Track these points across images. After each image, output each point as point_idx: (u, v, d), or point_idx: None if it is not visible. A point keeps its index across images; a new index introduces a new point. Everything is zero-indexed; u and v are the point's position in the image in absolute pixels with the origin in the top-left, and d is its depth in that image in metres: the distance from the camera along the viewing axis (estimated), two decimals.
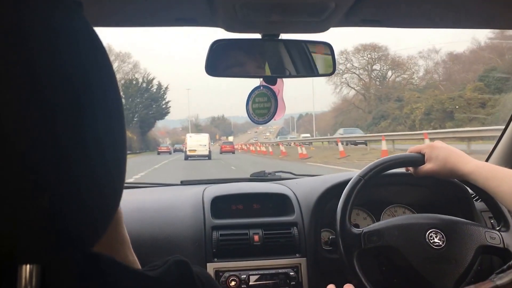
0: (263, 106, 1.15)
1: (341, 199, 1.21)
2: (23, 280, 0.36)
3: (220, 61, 1.11)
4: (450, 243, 1.15)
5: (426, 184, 1.45)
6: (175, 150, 49.93)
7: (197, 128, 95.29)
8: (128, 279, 0.46)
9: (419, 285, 1.15)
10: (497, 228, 1.21)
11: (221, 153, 35.76)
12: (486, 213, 1.44)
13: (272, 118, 1.16)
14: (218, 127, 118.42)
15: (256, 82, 1.15)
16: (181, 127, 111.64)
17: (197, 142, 31.27)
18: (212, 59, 1.09)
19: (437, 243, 1.14)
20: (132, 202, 1.53)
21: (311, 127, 67.03)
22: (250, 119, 1.15)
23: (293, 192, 1.52)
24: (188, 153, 30.41)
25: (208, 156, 30.07)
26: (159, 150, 42.73)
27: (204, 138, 32.08)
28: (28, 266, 0.37)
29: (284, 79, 1.15)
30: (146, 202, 1.55)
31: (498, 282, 0.59)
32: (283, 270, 1.37)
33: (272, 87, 1.15)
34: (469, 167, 1.13)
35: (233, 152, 36.62)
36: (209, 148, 31.33)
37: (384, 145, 15.64)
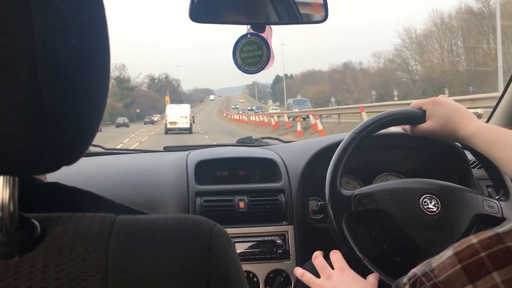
0: (254, 55, 1.09)
1: (333, 157, 1.13)
2: (0, 190, 0.38)
3: (205, 7, 1.03)
4: (445, 210, 1.08)
5: (422, 147, 1.37)
6: (145, 123, 48.83)
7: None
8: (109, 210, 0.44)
9: (410, 251, 1.10)
10: (496, 197, 1.14)
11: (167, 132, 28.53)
12: (483, 181, 1.38)
13: (265, 66, 1.09)
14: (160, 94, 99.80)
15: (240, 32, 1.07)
16: None
17: (178, 114, 29.05)
18: (197, 4, 1.02)
19: (431, 209, 1.08)
20: (114, 166, 1.49)
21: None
22: (240, 69, 1.09)
23: (281, 157, 1.46)
24: (168, 125, 28.55)
25: (189, 130, 28.22)
26: (117, 123, 42.17)
27: (185, 109, 29.93)
28: (4, 177, 0.38)
29: (272, 26, 1.07)
30: (128, 166, 1.50)
31: (499, 230, 0.57)
32: (270, 238, 1.32)
33: (261, 34, 1.08)
34: (471, 129, 1.05)
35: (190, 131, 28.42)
36: (191, 121, 29.40)
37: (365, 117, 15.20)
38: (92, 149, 1.69)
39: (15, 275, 0.36)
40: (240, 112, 48.49)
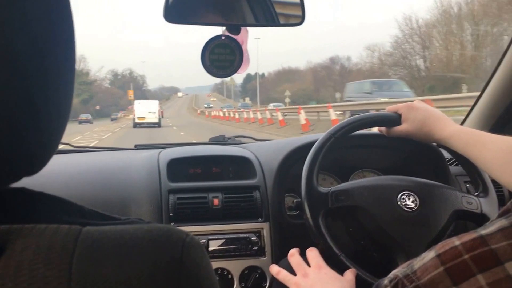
0: (225, 59, 1.05)
1: (308, 156, 1.13)
2: None
3: (180, 7, 1.02)
4: (424, 206, 1.09)
5: (398, 146, 1.38)
6: (112, 119, 48.02)
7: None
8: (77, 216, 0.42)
9: (388, 247, 1.10)
10: (475, 194, 1.16)
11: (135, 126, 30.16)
12: (461, 177, 1.40)
13: (235, 71, 1.07)
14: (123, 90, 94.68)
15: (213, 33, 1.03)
16: None
17: (146, 109, 30.50)
18: (172, 4, 1.00)
19: (410, 206, 1.08)
20: (84, 164, 1.44)
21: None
22: (208, 71, 1.05)
23: (255, 155, 1.45)
24: (136, 120, 29.94)
25: (158, 124, 29.51)
26: (80, 120, 41.89)
27: (153, 104, 31.24)
28: None
29: (248, 28, 1.07)
30: (98, 164, 1.46)
31: (483, 232, 0.55)
32: (245, 235, 1.31)
33: (235, 37, 1.07)
34: (448, 132, 1.08)
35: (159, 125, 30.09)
36: (159, 115, 30.71)
37: (332, 115, 15.13)
38: (60, 146, 1.65)
39: None
40: (225, 109, 45.57)
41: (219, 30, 1.05)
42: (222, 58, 1.05)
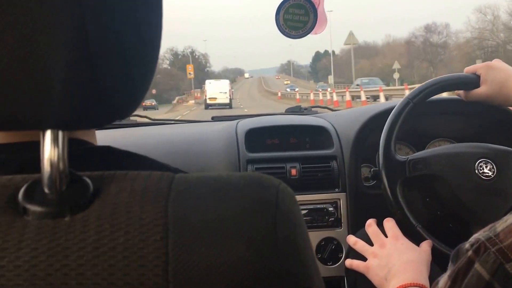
0: (299, 19, 1.05)
1: (386, 123, 1.11)
2: (48, 145, 0.36)
3: None
4: (501, 174, 1.05)
5: (475, 112, 1.33)
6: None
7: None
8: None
9: (464, 217, 1.08)
10: None
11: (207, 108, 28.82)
12: None
13: (308, 32, 1.06)
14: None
15: None
16: None
17: (217, 89, 29.95)
18: None
19: (487, 174, 1.05)
20: (163, 135, 1.49)
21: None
22: (280, 31, 1.05)
23: (332, 125, 1.43)
24: (208, 101, 29.33)
25: (229, 105, 28.93)
26: (144, 106, 41.37)
27: (224, 84, 30.73)
28: (52, 131, 0.37)
29: None
30: (177, 135, 1.50)
31: None
32: (321, 205, 1.31)
33: None
34: None
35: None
36: (230, 96, 30.13)
37: None
38: (139, 120, 1.72)
39: (67, 235, 0.34)
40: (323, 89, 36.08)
41: None
42: (296, 18, 1.05)
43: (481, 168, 1.06)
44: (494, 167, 1.06)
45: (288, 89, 50.97)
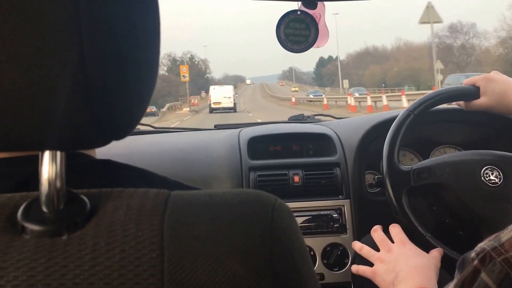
0: (300, 33, 1.05)
1: (388, 135, 1.12)
2: (47, 165, 0.37)
3: None
4: (508, 181, 1.05)
5: (478, 120, 1.34)
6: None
7: None
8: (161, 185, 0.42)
9: (474, 224, 1.07)
10: None
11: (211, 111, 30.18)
12: None
13: (311, 46, 1.07)
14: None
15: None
16: None
17: (222, 94, 31.74)
18: None
19: (493, 181, 1.05)
20: (165, 144, 1.49)
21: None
22: (282, 45, 1.05)
23: (335, 132, 1.44)
24: (212, 105, 30.97)
25: (233, 109, 30.42)
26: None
27: (228, 90, 32.44)
28: (50, 152, 0.37)
29: (325, 3, 1.05)
30: (180, 143, 1.51)
31: None
32: (326, 212, 1.31)
33: (311, 12, 1.06)
34: None
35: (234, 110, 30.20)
36: (234, 100, 31.77)
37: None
38: (141, 128, 1.72)
39: (64, 254, 0.34)
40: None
41: (295, 5, 1.05)
42: (297, 32, 1.05)
43: (487, 175, 1.06)
44: (501, 174, 1.06)
45: (311, 95, 46.44)
